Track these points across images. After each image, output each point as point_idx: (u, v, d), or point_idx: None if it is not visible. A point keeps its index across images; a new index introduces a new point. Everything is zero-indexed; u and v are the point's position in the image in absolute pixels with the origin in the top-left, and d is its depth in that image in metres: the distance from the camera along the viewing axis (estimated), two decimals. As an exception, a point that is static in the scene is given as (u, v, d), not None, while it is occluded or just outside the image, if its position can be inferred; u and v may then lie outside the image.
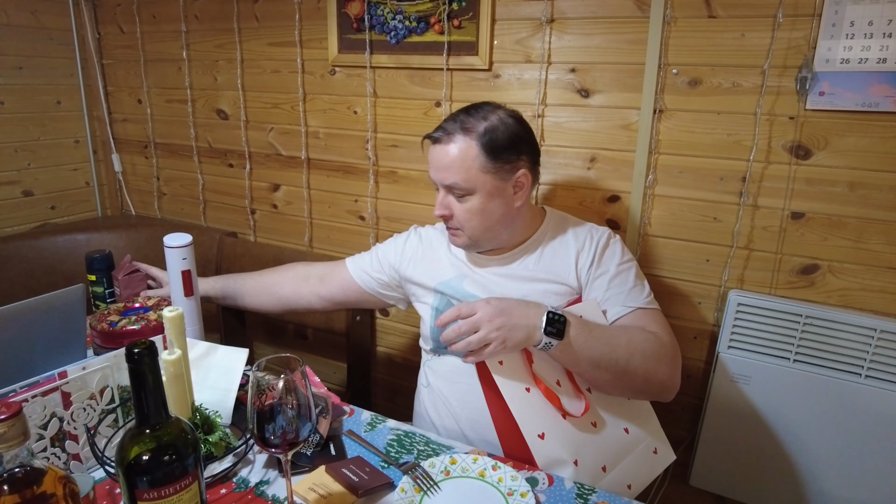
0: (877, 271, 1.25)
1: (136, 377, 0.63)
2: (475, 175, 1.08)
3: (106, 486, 0.88)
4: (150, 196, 2.24)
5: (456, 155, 1.08)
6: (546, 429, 0.97)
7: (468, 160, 1.08)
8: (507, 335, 0.95)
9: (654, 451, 1.09)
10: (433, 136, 1.13)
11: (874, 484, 1.24)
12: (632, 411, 1.09)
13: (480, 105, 1.13)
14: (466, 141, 1.08)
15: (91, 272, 1.39)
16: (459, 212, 1.12)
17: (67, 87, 2.12)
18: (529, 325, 0.97)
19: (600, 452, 1.01)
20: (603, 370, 1.01)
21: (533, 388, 1.00)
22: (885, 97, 1.15)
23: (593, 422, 1.03)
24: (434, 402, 1.21)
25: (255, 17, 1.81)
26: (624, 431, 1.06)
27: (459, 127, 1.09)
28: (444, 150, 1.10)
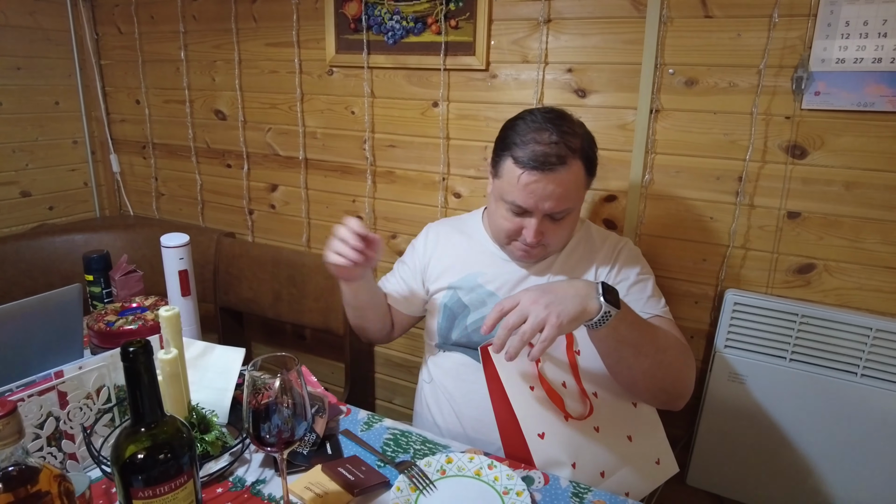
0: (873, 270, 1.25)
1: (132, 376, 0.63)
2: (579, 194, 1.06)
3: (102, 485, 0.88)
4: (148, 196, 2.24)
5: (571, 182, 1.02)
6: (547, 429, 0.97)
7: (579, 182, 1.03)
8: (560, 309, 0.86)
9: (656, 462, 1.06)
10: (543, 162, 0.99)
11: (870, 482, 1.24)
12: (637, 421, 1.06)
13: (558, 112, 1.05)
14: (576, 162, 1.01)
15: (88, 272, 1.40)
16: (554, 231, 1.07)
17: (66, 88, 2.12)
18: (581, 295, 0.89)
19: (600, 457, 0.99)
20: (643, 357, 0.97)
21: (538, 387, 0.99)
22: (880, 97, 1.15)
23: (596, 426, 1.01)
24: (437, 398, 1.20)
25: (252, 18, 1.81)
26: (627, 439, 1.04)
27: (567, 147, 1.00)
28: (557, 178, 1.00)
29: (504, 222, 1.08)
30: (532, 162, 1.00)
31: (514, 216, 1.07)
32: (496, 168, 1.08)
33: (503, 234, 1.11)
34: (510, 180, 1.03)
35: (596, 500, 0.89)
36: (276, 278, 1.81)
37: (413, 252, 1.30)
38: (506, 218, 1.08)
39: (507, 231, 1.09)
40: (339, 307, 1.71)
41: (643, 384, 1.03)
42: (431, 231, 1.31)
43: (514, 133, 1.04)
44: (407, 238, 1.75)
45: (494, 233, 1.15)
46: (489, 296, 1.17)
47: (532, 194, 1.02)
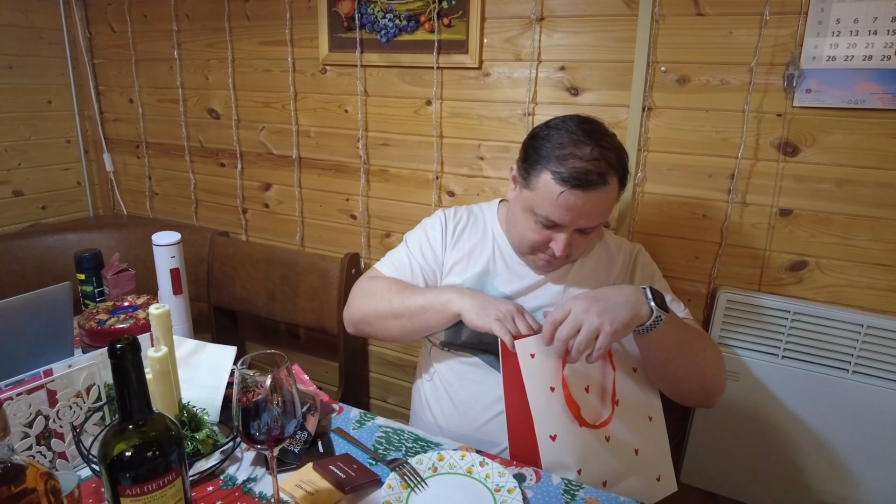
0: (864, 268, 1.25)
1: (119, 373, 0.63)
2: (612, 208, 1.05)
3: (92, 484, 0.87)
4: (141, 196, 2.23)
5: (607, 200, 1.00)
6: (559, 431, 0.96)
7: (613, 198, 1.02)
8: (612, 317, 0.88)
9: (657, 479, 1.06)
10: (584, 180, 0.96)
11: (862, 478, 1.25)
12: (648, 435, 1.06)
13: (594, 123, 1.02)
14: (614, 179, 1.00)
15: (80, 271, 1.39)
16: (580, 243, 1.06)
17: (58, 87, 2.11)
18: (631, 301, 0.91)
19: (605, 466, 0.99)
20: (687, 357, 1.00)
21: (558, 388, 0.97)
22: (870, 94, 1.15)
23: (607, 436, 1.00)
24: (438, 398, 1.18)
25: (246, 17, 1.81)
26: (634, 452, 1.03)
27: (607, 164, 0.98)
28: (596, 197, 0.98)
29: (531, 234, 1.05)
30: (574, 180, 0.96)
31: (544, 229, 1.03)
32: (529, 180, 1.02)
33: (527, 245, 1.07)
34: (547, 196, 0.99)
35: (588, 498, 0.89)
36: (269, 277, 1.81)
37: (433, 241, 1.21)
38: (533, 230, 1.04)
39: (534, 243, 1.06)
40: (332, 306, 1.71)
41: (685, 384, 1.05)
42: (449, 220, 1.22)
43: (551, 145, 1.00)
44: (401, 237, 1.74)
45: (517, 242, 1.11)
46: (504, 298, 1.12)
47: (569, 212, 0.99)
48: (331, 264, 1.72)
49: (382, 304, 1.12)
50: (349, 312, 1.19)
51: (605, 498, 0.89)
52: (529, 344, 0.96)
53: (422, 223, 1.26)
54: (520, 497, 0.85)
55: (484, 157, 1.57)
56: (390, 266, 1.21)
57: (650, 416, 1.07)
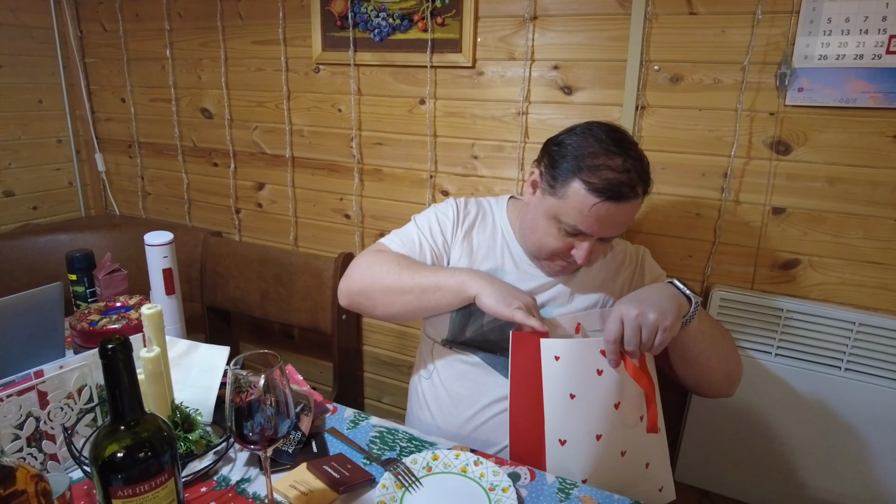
0: (856, 265, 1.26)
1: (110, 373, 0.63)
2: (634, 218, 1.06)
3: (84, 486, 0.87)
4: (134, 196, 2.22)
5: (632, 213, 1.02)
6: (570, 438, 0.95)
7: (639, 208, 1.03)
8: (665, 312, 0.91)
9: (659, 490, 1.06)
10: (620, 196, 0.96)
11: (854, 474, 1.25)
12: (658, 446, 1.05)
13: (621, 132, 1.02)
14: (641, 190, 1.01)
15: (71, 272, 1.38)
16: (597, 250, 1.05)
17: (49, 86, 2.10)
18: (669, 295, 0.95)
19: (613, 479, 0.97)
20: (717, 346, 1.04)
21: (580, 395, 0.95)
22: (861, 93, 1.16)
23: (623, 451, 0.98)
24: (436, 395, 1.17)
25: (238, 16, 1.80)
26: (645, 466, 1.02)
27: (637, 175, 0.98)
28: (625, 208, 0.98)
29: (552, 241, 1.04)
30: (608, 192, 0.95)
31: (567, 237, 1.02)
32: (556, 188, 1.00)
33: (547, 250, 1.06)
34: (577, 206, 0.98)
35: (582, 496, 0.89)
36: (263, 277, 1.80)
37: (444, 226, 1.17)
38: (556, 237, 1.03)
39: (555, 249, 1.04)
40: (326, 306, 1.71)
41: (715, 374, 1.07)
42: (461, 212, 1.18)
43: (581, 153, 0.98)
44: (395, 236, 1.74)
45: (535, 247, 1.09)
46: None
47: (598, 223, 0.98)
48: (325, 264, 1.72)
49: (389, 278, 1.07)
50: (347, 282, 1.13)
51: (600, 496, 0.89)
52: (556, 346, 0.95)
53: (432, 208, 1.22)
54: (514, 496, 0.85)
55: (478, 156, 1.57)
56: (398, 242, 1.16)
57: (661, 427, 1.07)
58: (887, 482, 1.23)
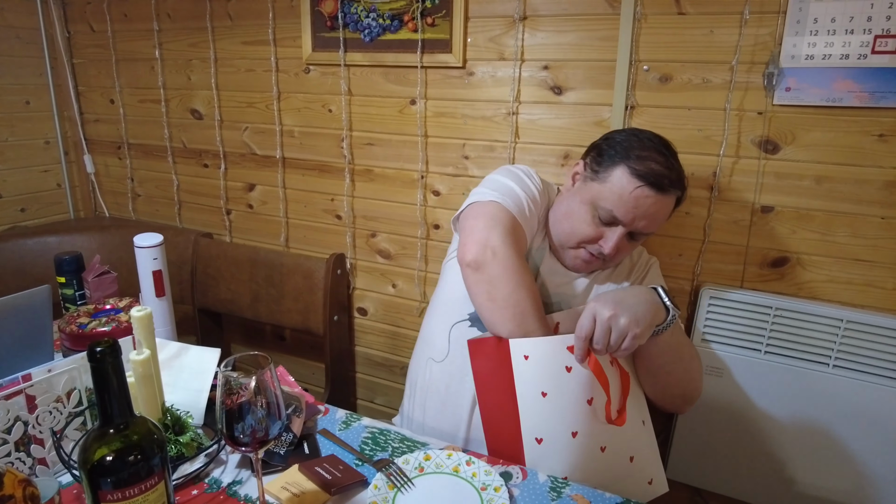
0: (843, 263, 1.27)
1: (99, 377, 0.62)
2: (663, 224, 1.08)
3: (73, 490, 0.86)
4: (124, 197, 2.21)
5: (666, 211, 1.05)
6: (546, 436, 0.95)
7: (669, 212, 1.06)
8: (638, 319, 0.91)
9: (648, 483, 1.06)
10: (660, 184, 1.00)
11: (842, 470, 1.27)
12: (641, 440, 1.06)
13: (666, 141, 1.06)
14: (674, 198, 1.05)
15: (60, 274, 1.37)
16: (624, 248, 1.07)
17: (36, 87, 2.08)
18: (649, 301, 0.95)
19: (595, 474, 0.98)
20: (680, 362, 1.04)
21: (551, 393, 0.95)
22: (848, 92, 1.17)
23: (602, 446, 0.99)
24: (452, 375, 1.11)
25: (228, 16, 1.79)
26: (629, 460, 1.03)
27: (678, 175, 1.03)
28: (663, 201, 1.02)
29: (585, 226, 1.05)
30: (650, 177, 0.99)
31: (600, 224, 1.04)
32: (600, 172, 1.04)
33: (577, 237, 1.06)
34: (618, 189, 1.01)
35: (574, 495, 0.89)
36: (254, 279, 1.79)
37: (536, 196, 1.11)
38: (589, 223, 1.05)
39: (585, 236, 1.05)
40: (318, 307, 1.71)
41: (672, 390, 1.08)
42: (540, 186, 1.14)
43: (630, 145, 1.03)
44: (387, 237, 1.74)
45: (565, 233, 1.09)
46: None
47: (635, 208, 1.01)
48: (316, 265, 1.71)
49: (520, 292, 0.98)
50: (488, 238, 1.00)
51: (592, 495, 0.89)
52: (524, 346, 0.95)
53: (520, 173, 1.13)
54: (506, 495, 0.86)
55: (469, 156, 1.57)
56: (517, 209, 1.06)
57: (643, 421, 1.08)
58: (874, 477, 1.25)
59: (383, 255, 1.77)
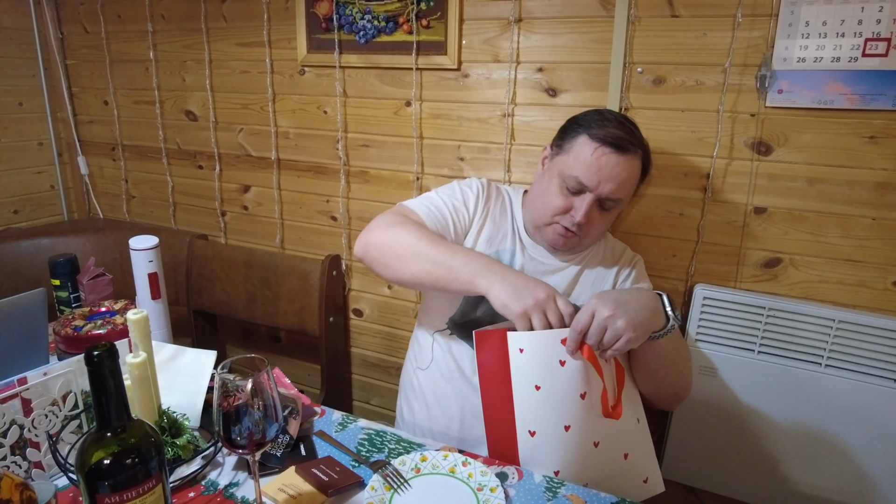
0: (835, 264, 1.28)
1: (96, 380, 0.62)
2: (631, 192, 1.11)
3: (70, 493, 0.86)
4: (118, 199, 2.20)
5: (633, 174, 1.07)
6: (540, 429, 0.96)
7: (635, 177, 1.09)
8: (636, 322, 0.91)
9: (644, 481, 1.06)
10: (619, 142, 1.04)
11: (834, 468, 1.28)
12: (635, 438, 1.07)
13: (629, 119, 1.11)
14: (639, 159, 1.08)
15: (55, 276, 1.37)
16: (596, 221, 1.09)
17: (29, 88, 2.07)
18: (650, 308, 0.95)
19: (588, 470, 0.98)
20: (674, 366, 1.05)
21: (545, 387, 0.96)
22: (839, 95, 1.18)
23: (596, 442, 0.99)
24: (435, 387, 1.17)
25: (222, 17, 1.79)
26: (623, 457, 1.03)
27: (637, 140, 1.08)
28: (625, 162, 1.05)
29: (555, 199, 1.09)
30: (608, 138, 1.04)
31: (569, 195, 1.08)
32: (563, 145, 1.10)
33: (550, 210, 1.10)
34: (579, 154, 1.06)
35: (569, 495, 0.90)
36: (249, 280, 1.79)
37: (468, 201, 1.19)
38: (558, 195, 1.09)
39: (556, 208, 1.09)
40: (313, 308, 1.71)
41: (665, 390, 1.10)
42: (484, 192, 1.21)
43: (592, 118, 1.09)
44: (382, 238, 1.74)
45: (539, 212, 1.13)
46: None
47: (598, 171, 1.04)
48: (311, 266, 1.71)
49: (408, 242, 1.05)
50: (367, 235, 1.11)
51: (587, 495, 0.90)
52: (520, 339, 0.96)
53: (455, 182, 1.23)
54: (502, 496, 0.86)
55: (464, 157, 1.58)
56: (424, 209, 1.15)
57: (638, 419, 1.08)
58: (866, 475, 1.26)
59: (379, 257, 1.77)
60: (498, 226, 1.18)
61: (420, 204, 1.16)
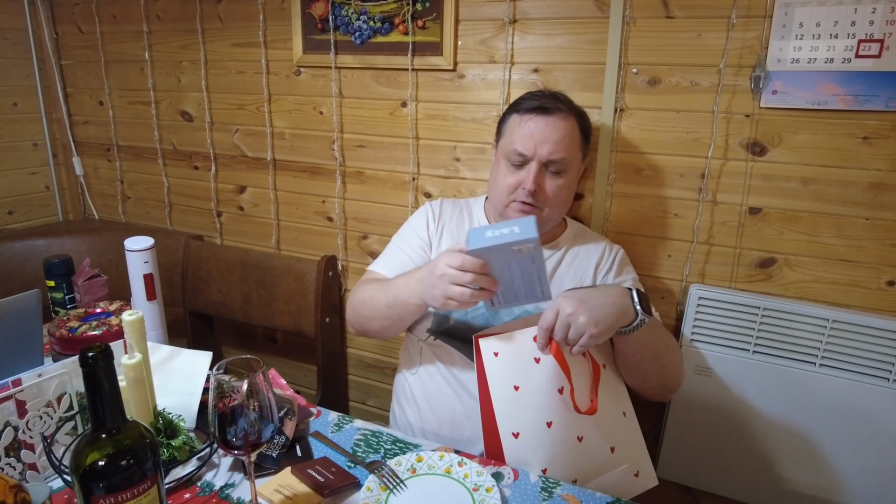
0: (829, 264, 1.29)
1: (91, 381, 0.62)
2: (574, 152, 1.15)
3: (65, 495, 0.86)
4: (113, 200, 2.19)
5: (567, 132, 1.13)
6: (523, 430, 0.97)
7: (573, 137, 1.14)
8: (598, 319, 0.92)
9: (635, 475, 1.07)
10: (542, 106, 1.13)
11: (829, 466, 1.28)
12: (621, 432, 1.07)
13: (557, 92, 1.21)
14: (572, 119, 1.15)
15: (49, 278, 1.36)
16: (549, 188, 1.14)
17: (24, 89, 2.06)
18: (617, 304, 0.96)
19: (575, 466, 0.99)
20: (657, 359, 1.07)
21: (523, 386, 0.98)
22: (832, 95, 1.19)
23: (580, 436, 1.00)
24: (424, 390, 1.20)
25: (218, 18, 1.79)
26: (609, 451, 1.03)
27: (562, 102, 1.15)
28: (554, 122, 1.12)
29: (505, 178, 1.15)
30: (532, 105, 1.14)
31: (516, 169, 1.14)
32: (500, 130, 1.21)
33: (504, 190, 1.15)
34: (512, 130, 1.15)
35: (565, 495, 0.90)
36: (245, 281, 1.79)
37: (420, 227, 1.28)
38: (507, 174, 1.15)
39: (508, 186, 1.14)
40: (309, 309, 1.71)
41: (651, 382, 1.11)
42: (435, 207, 1.30)
43: (518, 99, 1.20)
44: (378, 238, 1.75)
45: (496, 196, 1.19)
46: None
47: (532, 137, 1.12)
48: (307, 267, 1.71)
49: (370, 301, 1.15)
50: (347, 314, 1.24)
51: (583, 494, 0.90)
52: (493, 343, 0.97)
53: (407, 221, 1.34)
54: (498, 496, 0.86)
55: (460, 158, 1.58)
56: (383, 264, 1.26)
57: (624, 412, 1.09)
58: (860, 473, 1.26)
59: (375, 257, 1.76)
60: (455, 239, 1.24)
61: (381, 262, 1.27)
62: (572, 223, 1.30)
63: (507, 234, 0.89)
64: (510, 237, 0.88)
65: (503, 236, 0.88)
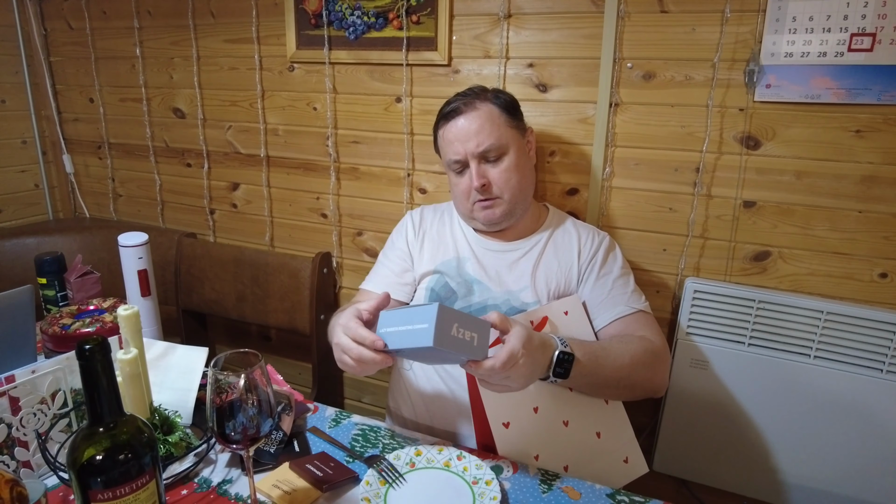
0: (823, 256, 1.30)
1: (88, 375, 0.62)
2: (505, 132, 1.16)
3: (60, 492, 0.85)
4: (105, 198, 2.17)
5: (485, 118, 1.14)
6: (512, 419, 0.98)
7: (495, 119, 1.15)
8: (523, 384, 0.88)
9: (624, 461, 1.08)
10: (452, 110, 1.16)
11: (823, 458, 1.29)
12: (607, 418, 1.08)
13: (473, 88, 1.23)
14: (486, 105, 1.16)
15: (41, 275, 1.35)
16: (497, 176, 1.15)
17: (12, 86, 2.04)
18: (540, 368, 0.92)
19: (565, 451, 1.01)
20: (608, 388, 1.05)
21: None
22: (825, 89, 1.20)
23: (565, 420, 1.02)
24: (419, 386, 1.21)
25: (210, 14, 1.77)
26: (596, 436, 1.05)
27: (472, 96, 1.17)
28: (469, 118, 1.15)
29: (458, 187, 1.19)
30: (445, 112, 1.18)
31: (461, 177, 1.18)
32: (437, 150, 1.26)
33: (461, 198, 1.19)
34: (442, 144, 1.20)
35: (564, 487, 0.90)
36: (239, 278, 1.78)
37: (400, 238, 1.31)
38: (457, 183, 1.19)
39: (462, 192, 1.18)
40: (304, 306, 1.70)
41: (624, 397, 1.12)
42: (415, 215, 1.34)
43: (438, 114, 1.23)
44: (373, 235, 1.74)
45: (459, 206, 1.23)
46: (476, 283, 1.20)
47: (456, 141, 1.15)
48: (302, 264, 1.70)
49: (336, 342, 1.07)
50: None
51: (582, 486, 0.90)
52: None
53: (391, 235, 1.36)
54: (497, 489, 0.86)
55: (455, 153, 1.58)
56: (371, 281, 1.30)
57: (605, 400, 1.10)
58: (854, 464, 1.27)
59: (370, 254, 1.76)
60: (437, 243, 1.27)
61: (368, 279, 1.31)
62: (555, 211, 1.31)
63: (406, 333, 0.82)
64: (409, 340, 0.81)
65: (402, 336, 0.82)
